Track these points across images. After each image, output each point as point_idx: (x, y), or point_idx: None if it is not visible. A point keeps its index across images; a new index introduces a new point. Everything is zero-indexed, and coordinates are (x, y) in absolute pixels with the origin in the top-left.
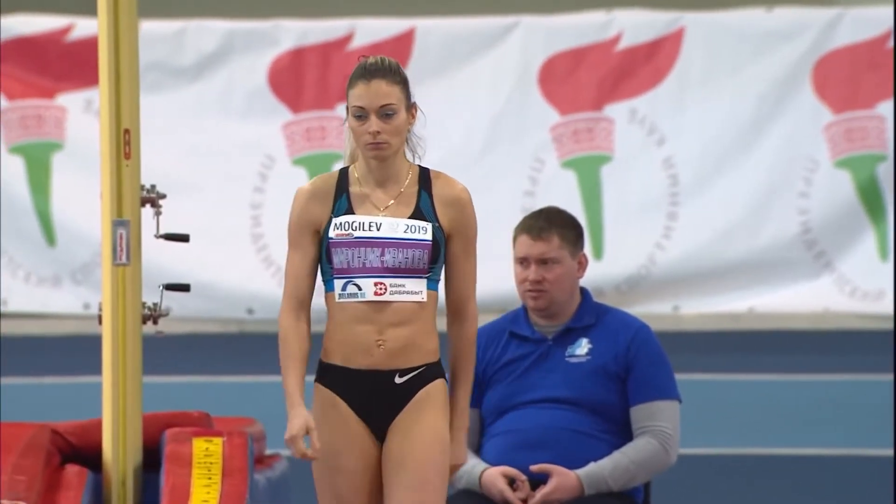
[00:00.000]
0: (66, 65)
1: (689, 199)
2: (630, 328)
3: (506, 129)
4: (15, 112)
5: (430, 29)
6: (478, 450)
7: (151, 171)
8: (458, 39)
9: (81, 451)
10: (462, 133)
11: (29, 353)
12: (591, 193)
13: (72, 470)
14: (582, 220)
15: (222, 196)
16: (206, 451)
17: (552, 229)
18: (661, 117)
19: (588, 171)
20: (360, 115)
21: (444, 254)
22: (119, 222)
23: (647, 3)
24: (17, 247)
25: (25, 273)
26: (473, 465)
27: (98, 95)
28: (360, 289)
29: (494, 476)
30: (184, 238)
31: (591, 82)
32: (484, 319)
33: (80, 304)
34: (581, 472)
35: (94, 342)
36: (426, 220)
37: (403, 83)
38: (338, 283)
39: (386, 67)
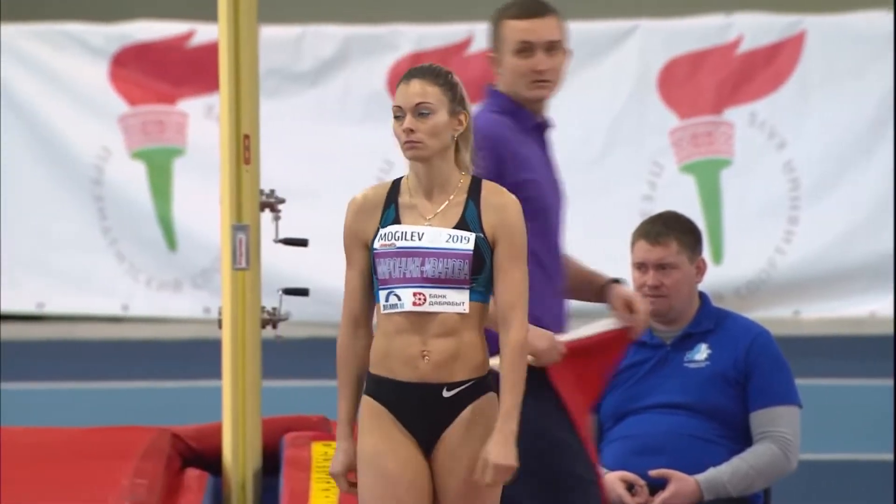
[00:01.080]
0: (186, 70)
1: (810, 203)
2: (749, 333)
3: (624, 132)
4: (137, 118)
5: None
6: (596, 454)
7: (270, 176)
8: (577, 43)
9: (202, 455)
10: (580, 137)
11: (150, 358)
12: (711, 198)
13: (192, 474)
14: (701, 224)
15: (341, 200)
16: (325, 456)
17: (670, 234)
18: (782, 121)
19: (707, 176)
20: (398, 115)
21: (490, 264)
22: (238, 227)
23: (768, 5)
24: (139, 252)
25: (147, 278)
26: None
27: (218, 101)
28: (399, 299)
29: (613, 481)
30: (303, 242)
31: (710, 86)
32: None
33: (201, 308)
34: (700, 477)
35: (214, 346)
36: (470, 231)
37: (447, 87)
38: (382, 294)
39: (427, 70)
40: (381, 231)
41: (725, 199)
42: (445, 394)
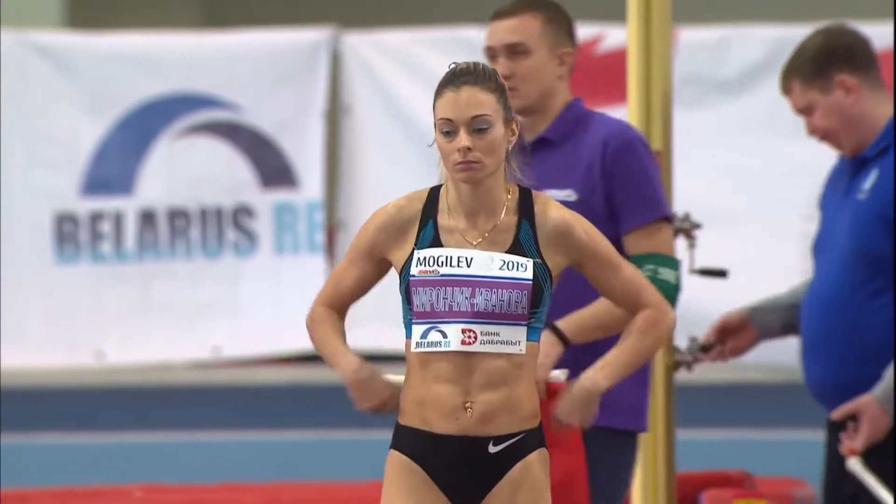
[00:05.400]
0: (595, 79)
1: None
2: None
3: None
4: None
5: None
6: None
7: (685, 197)
8: None
9: None
10: None
11: None
12: None
13: None
14: None
15: (768, 225)
16: None
17: (792, 76)
18: None
19: None
20: (449, 129)
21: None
22: None
23: None
24: None
25: None
26: None
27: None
28: (444, 336)
29: None
30: (722, 273)
31: None
32: None
33: None
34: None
35: None
36: (526, 256)
37: (500, 92)
38: (417, 330)
39: (479, 72)
40: (418, 254)
41: None
42: (491, 449)
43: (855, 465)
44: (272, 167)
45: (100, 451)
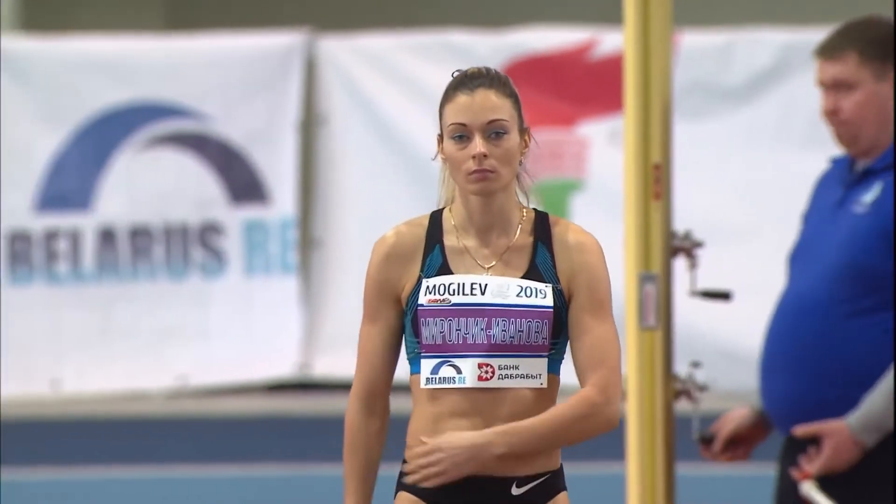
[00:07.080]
0: (588, 87)
1: None
2: None
3: None
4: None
5: None
6: None
7: (687, 213)
8: None
9: None
10: None
11: None
12: None
13: None
14: None
15: (776, 244)
16: None
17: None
18: None
19: None
20: (462, 134)
21: (567, 318)
22: (646, 276)
23: None
24: None
25: None
26: None
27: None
28: (458, 371)
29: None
30: (725, 296)
31: None
32: None
33: None
34: (852, 420)
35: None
36: (544, 282)
37: (514, 98)
38: (426, 364)
39: (493, 77)
40: (427, 282)
41: None
42: (515, 491)
43: (809, 489)
44: (242, 181)
45: (56, 486)
